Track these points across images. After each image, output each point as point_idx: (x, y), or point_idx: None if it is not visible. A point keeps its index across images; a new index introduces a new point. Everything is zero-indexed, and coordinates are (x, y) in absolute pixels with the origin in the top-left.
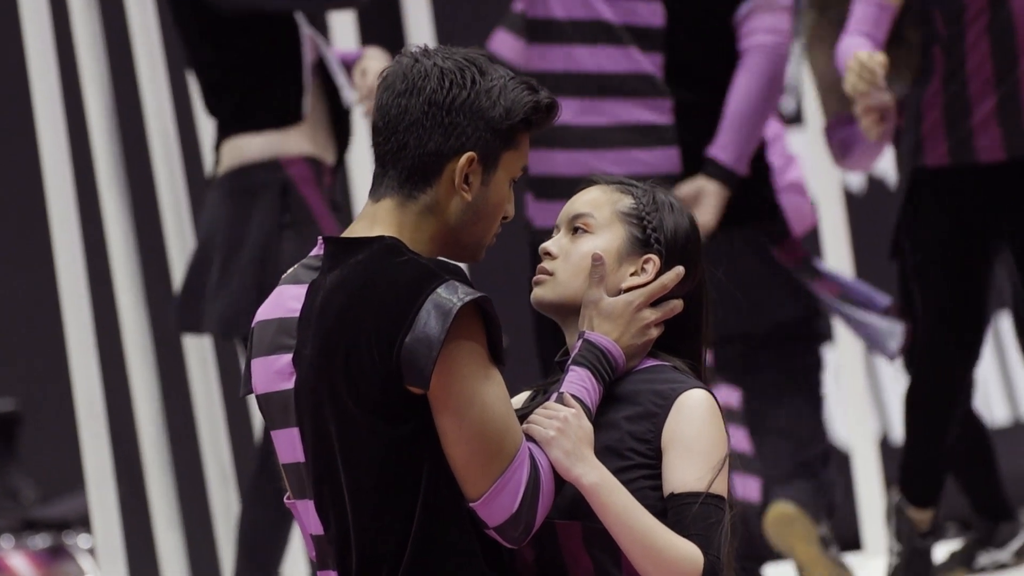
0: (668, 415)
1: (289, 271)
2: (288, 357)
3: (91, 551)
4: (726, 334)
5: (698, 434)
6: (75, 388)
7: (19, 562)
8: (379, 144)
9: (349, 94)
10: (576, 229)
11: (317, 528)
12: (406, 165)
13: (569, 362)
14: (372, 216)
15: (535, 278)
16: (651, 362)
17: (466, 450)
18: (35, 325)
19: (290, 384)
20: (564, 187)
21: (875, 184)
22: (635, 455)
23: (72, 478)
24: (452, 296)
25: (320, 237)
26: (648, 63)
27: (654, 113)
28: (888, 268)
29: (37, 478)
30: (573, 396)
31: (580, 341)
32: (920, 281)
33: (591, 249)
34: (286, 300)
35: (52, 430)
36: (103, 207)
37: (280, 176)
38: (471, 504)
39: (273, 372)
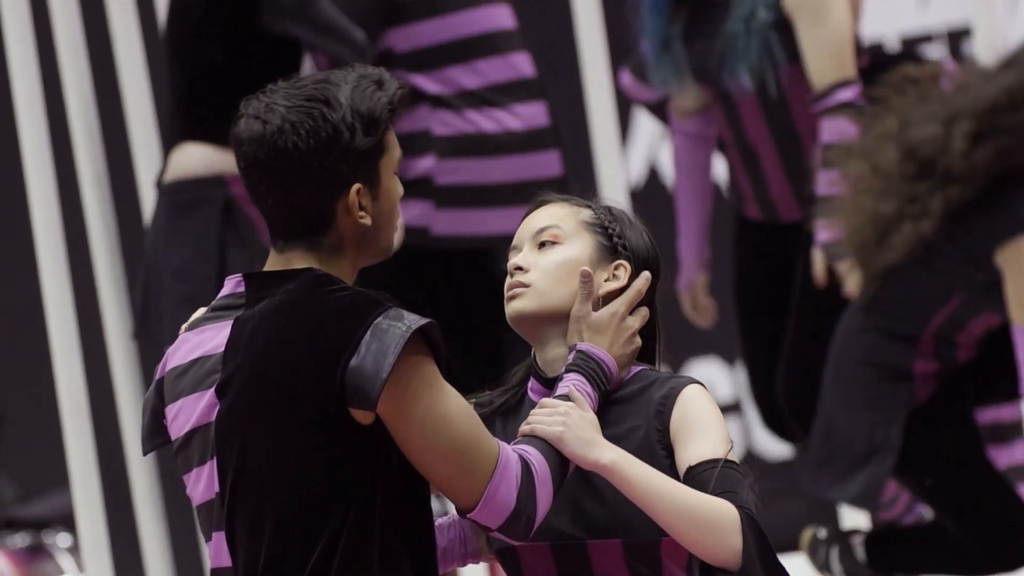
0: (672, 410)
1: (192, 318)
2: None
3: (70, 550)
4: None
5: (703, 416)
6: (59, 387)
7: None
8: (265, 208)
9: None
10: (543, 243)
11: (224, 560)
12: (299, 221)
13: (563, 370)
14: (286, 261)
15: (510, 292)
16: (635, 368)
17: (447, 466)
18: (18, 323)
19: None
20: (477, 194)
21: None
22: (650, 457)
23: (52, 477)
24: (399, 322)
25: (240, 275)
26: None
27: (542, 116)
28: None
29: (16, 477)
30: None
31: (573, 353)
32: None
33: (566, 258)
34: (204, 343)
35: (32, 429)
36: (85, 208)
37: (222, 192)
38: (469, 515)
39: (211, 406)
